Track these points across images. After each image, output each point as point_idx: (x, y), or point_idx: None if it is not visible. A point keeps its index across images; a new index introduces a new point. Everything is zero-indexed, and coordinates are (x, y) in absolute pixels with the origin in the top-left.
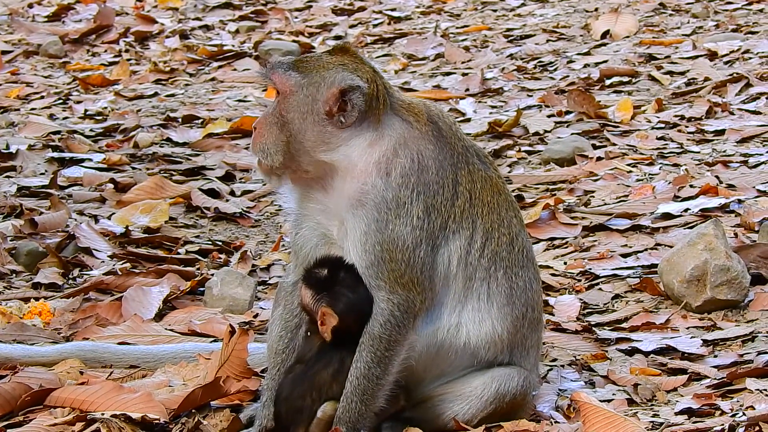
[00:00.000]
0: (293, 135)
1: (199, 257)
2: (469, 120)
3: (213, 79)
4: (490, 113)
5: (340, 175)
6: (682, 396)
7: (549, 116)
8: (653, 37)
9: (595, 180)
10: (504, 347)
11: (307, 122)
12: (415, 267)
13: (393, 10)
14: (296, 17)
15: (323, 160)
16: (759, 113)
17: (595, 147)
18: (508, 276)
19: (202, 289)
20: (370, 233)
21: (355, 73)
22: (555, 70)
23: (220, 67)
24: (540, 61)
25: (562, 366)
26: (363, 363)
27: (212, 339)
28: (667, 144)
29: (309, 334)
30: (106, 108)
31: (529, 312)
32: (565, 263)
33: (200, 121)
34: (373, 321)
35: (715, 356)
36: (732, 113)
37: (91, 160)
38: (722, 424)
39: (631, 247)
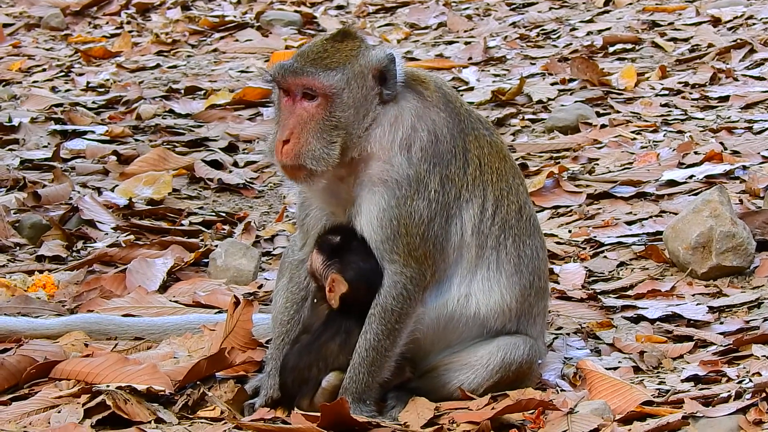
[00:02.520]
0: (350, 130)
1: (203, 228)
2: (472, 89)
3: (215, 50)
4: (494, 82)
5: (365, 157)
6: (688, 363)
7: (552, 84)
8: (656, 4)
9: (599, 147)
10: (512, 316)
11: (361, 113)
12: (429, 240)
13: None
14: None
15: (364, 146)
16: (763, 79)
17: (598, 114)
18: (516, 245)
19: (206, 260)
20: (388, 209)
21: (375, 48)
22: (558, 38)
23: (222, 38)
24: (543, 29)
25: (568, 334)
26: (373, 335)
27: (217, 310)
28: (671, 111)
29: (316, 301)
30: (108, 80)
31: (536, 281)
32: (569, 231)
33: (203, 92)
34: (385, 294)
35: (721, 323)
36: (736, 79)
37: (93, 132)
38: (729, 391)
39: (635, 214)
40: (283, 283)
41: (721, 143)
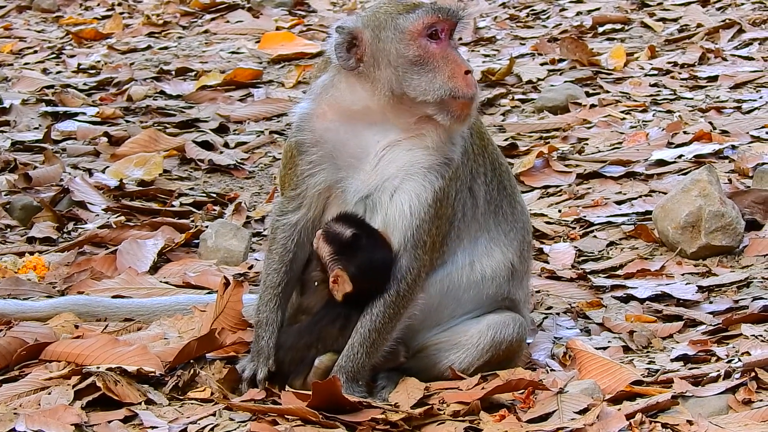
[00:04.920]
0: None
1: (194, 209)
2: None
3: (206, 31)
4: (483, 62)
5: (431, 128)
6: (678, 342)
7: (542, 64)
8: None
9: (589, 127)
10: (509, 274)
11: None
12: (450, 220)
13: None
14: None
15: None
16: (752, 59)
17: (588, 94)
18: (510, 203)
19: (196, 241)
20: (439, 190)
21: None
22: (548, 18)
23: (213, 19)
24: (532, 10)
25: (558, 314)
26: (380, 317)
27: (207, 291)
28: (660, 91)
29: (317, 284)
30: (99, 62)
31: (526, 235)
32: (559, 211)
33: (193, 73)
34: (400, 279)
35: (711, 302)
36: (725, 59)
37: (84, 113)
38: (718, 370)
39: (625, 194)
40: (272, 246)
41: (710, 123)
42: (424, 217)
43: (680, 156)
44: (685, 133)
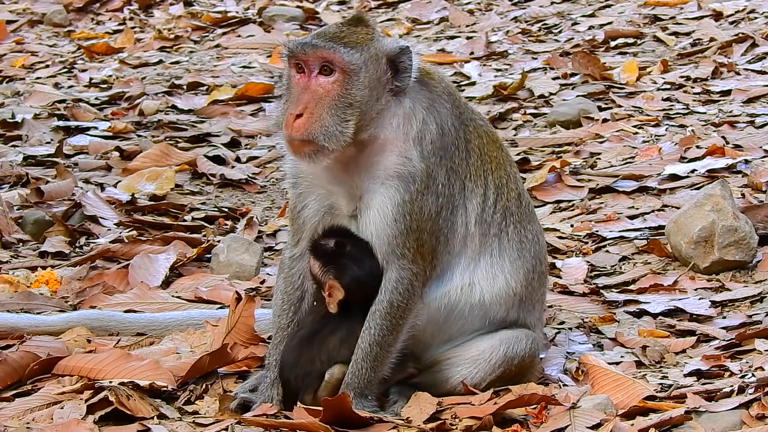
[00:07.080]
0: (363, 112)
1: (206, 224)
2: (474, 83)
3: (217, 45)
4: (495, 76)
5: (376, 147)
6: (691, 358)
7: (554, 79)
8: None
9: (601, 142)
10: (516, 302)
11: (374, 96)
12: (434, 234)
13: None
14: None
15: (375, 134)
16: (765, 73)
17: (600, 109)
18: (518, 230)
19: (208, 255)
20: (403, 204)
21: (388, 38)
22: (560, 32)
23: (224, 33)
24: (545, 24)
25: (570, 329)
26: (378, 330)
27: (219, 306)
28: (673, 105)
29: (315, 303)
30: (110, 76)
31: (537, 265)
32: (571, 226)
33: (205, 88)
34: (391, 290)
35: (724, 317)
36: (738, 73)
37: (96, 128)
38: (731, 386)
39: (637, 208)
40: (280, 283)
41: (723, 137)
42: (391, 232)
43: (693, 170)
44: (698, 147)
